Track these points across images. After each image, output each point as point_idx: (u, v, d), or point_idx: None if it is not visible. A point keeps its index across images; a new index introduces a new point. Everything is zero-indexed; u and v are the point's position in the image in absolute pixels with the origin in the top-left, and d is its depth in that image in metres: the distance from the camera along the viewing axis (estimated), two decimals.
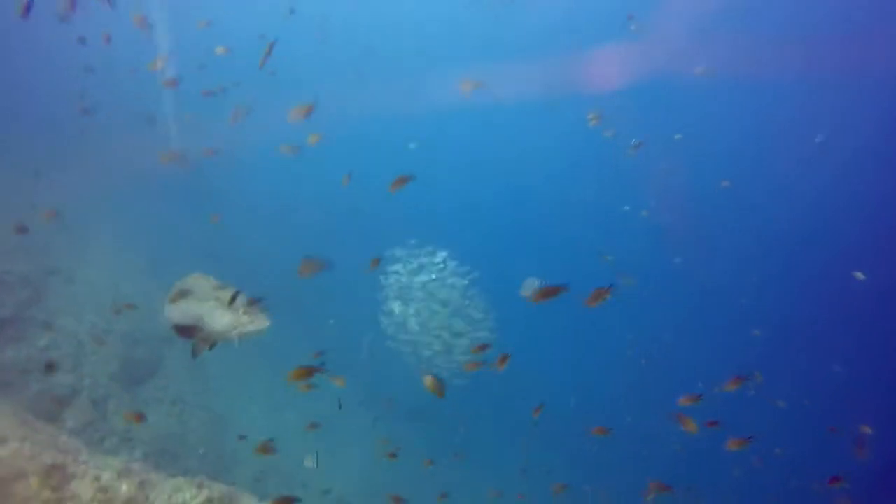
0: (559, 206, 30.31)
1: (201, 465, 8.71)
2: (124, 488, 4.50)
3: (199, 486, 5.08)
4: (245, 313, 3.31)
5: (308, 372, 3.69)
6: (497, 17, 25.84)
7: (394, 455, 6.63)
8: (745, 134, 28.41)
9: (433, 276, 12.88)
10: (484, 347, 5.22)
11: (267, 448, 5.09)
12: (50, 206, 8.73)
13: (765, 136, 27.95)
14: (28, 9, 4.84)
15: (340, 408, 6.48)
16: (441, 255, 12.92)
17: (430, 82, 24.56)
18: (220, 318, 3.32)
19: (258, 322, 3.35)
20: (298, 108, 5.41)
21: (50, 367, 6.48)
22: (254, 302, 3.49)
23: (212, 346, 3.53)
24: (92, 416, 7.82)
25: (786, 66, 24.14)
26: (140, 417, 5.28)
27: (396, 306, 12.72)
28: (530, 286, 8.21)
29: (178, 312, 3.40)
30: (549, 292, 4.22)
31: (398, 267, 12.94)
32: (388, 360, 12.82)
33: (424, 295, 12.85)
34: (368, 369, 13.08)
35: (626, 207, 23.99)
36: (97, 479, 4.59)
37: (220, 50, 7.33)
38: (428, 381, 4.06)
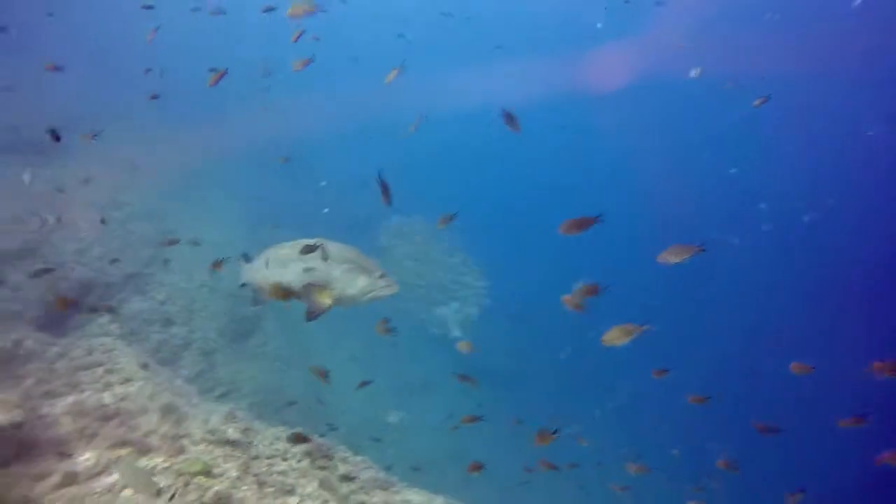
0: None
1: (298, 417, 9.15)
2: (230, 432, 4.70)
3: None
4: (381, 277, 3.19)
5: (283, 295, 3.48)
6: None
7: (472, 420, 6.24)
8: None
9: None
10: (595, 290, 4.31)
11: (321, 374, 5.25)
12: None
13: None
14: None
15: (459, 377, 6.26)
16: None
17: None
18: (356, 281, 3.20)
19: (392, 287, 3.23)
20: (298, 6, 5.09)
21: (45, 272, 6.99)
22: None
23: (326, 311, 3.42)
24: (202, 366, 8.45)
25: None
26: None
27: None
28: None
29: (301, 274, 3.28)
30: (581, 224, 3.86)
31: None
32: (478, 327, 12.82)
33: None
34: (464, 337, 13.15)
35: (733, 170, 23.14)
36: (206, 421, 4.84)
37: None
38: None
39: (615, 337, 3.81)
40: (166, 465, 3.69)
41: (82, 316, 7.91)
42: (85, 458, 3.78)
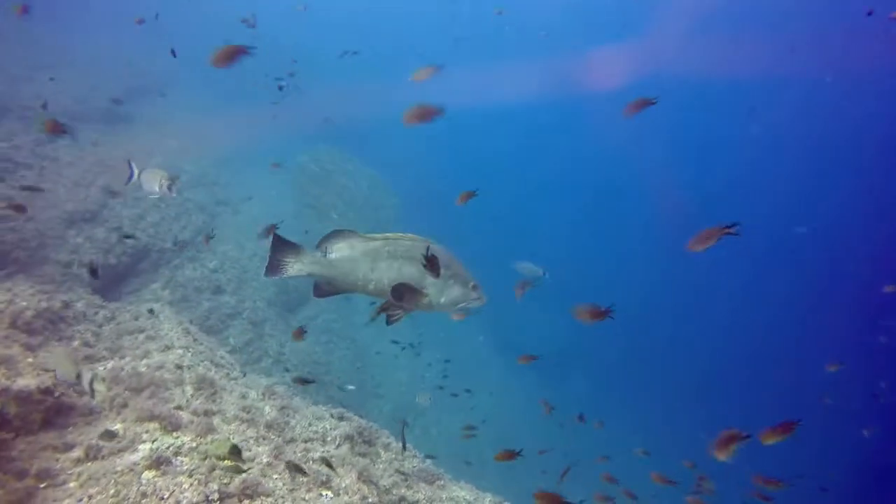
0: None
1: (342, 394, 8.94)
2: (267, 409, 4.37)
3: (340, 418, 4.87)
4: (474, 289, 2.89)
5: None
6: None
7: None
8: None
9: None
10: None
11: (299, 333, 5.32)
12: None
13: None
14: None
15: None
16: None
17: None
18: (451, 290, 2.90)
19: (482, 300, 2.96)
20: None
21: (93, 271, 6.49)
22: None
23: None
24: (250, 336, 8.33)
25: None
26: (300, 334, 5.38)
27: None
28: (526, 270, 6.89)
29: (396, 275, 2.91)
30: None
31: None
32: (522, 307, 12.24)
33: None
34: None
35: None
36: (244, 396, 4.54)
37: None
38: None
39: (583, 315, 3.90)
40: (193, 444, 3.36)
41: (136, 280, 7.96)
42: (113, 430, 3.54)
